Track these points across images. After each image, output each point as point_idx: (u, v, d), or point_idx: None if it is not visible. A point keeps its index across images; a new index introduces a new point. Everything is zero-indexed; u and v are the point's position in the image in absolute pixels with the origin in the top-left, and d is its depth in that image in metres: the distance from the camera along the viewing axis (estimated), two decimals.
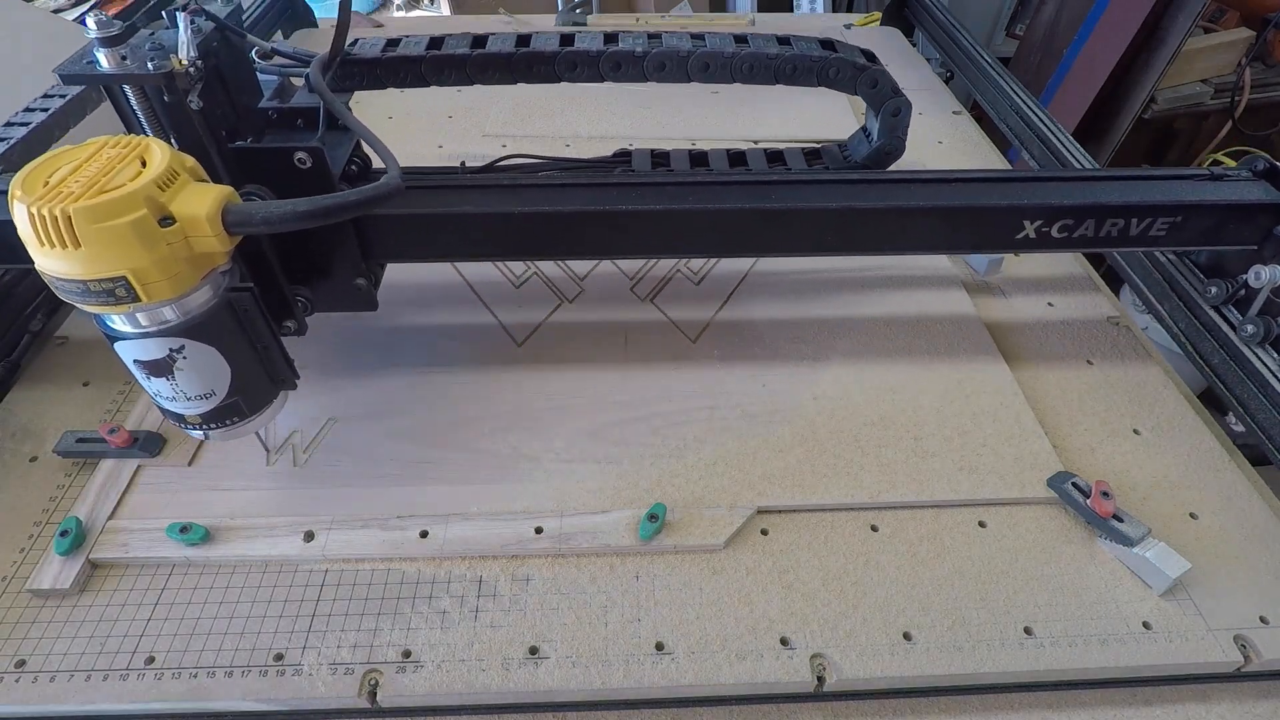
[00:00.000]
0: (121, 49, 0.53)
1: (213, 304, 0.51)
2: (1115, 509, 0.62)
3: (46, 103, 0.93)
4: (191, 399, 0.54)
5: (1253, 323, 0.72)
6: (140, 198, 0.44)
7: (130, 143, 0.48)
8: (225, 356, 0.53)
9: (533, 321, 0.82)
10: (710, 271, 0.90)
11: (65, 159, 0.47)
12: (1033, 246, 0.72)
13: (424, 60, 0.70)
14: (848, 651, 0.55)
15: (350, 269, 0.67)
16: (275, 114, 0.62)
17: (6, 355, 0.75)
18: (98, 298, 0.46)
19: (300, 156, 0.59)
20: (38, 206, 0.43)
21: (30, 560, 0.60)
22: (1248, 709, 0.56)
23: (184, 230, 0.47)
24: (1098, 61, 1.86)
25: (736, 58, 0.71)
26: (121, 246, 0.44)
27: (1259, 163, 0.75)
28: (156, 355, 0.51)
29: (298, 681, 0.53)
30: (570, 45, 0.70)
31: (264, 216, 0.48)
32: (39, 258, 0.45)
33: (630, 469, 0.67)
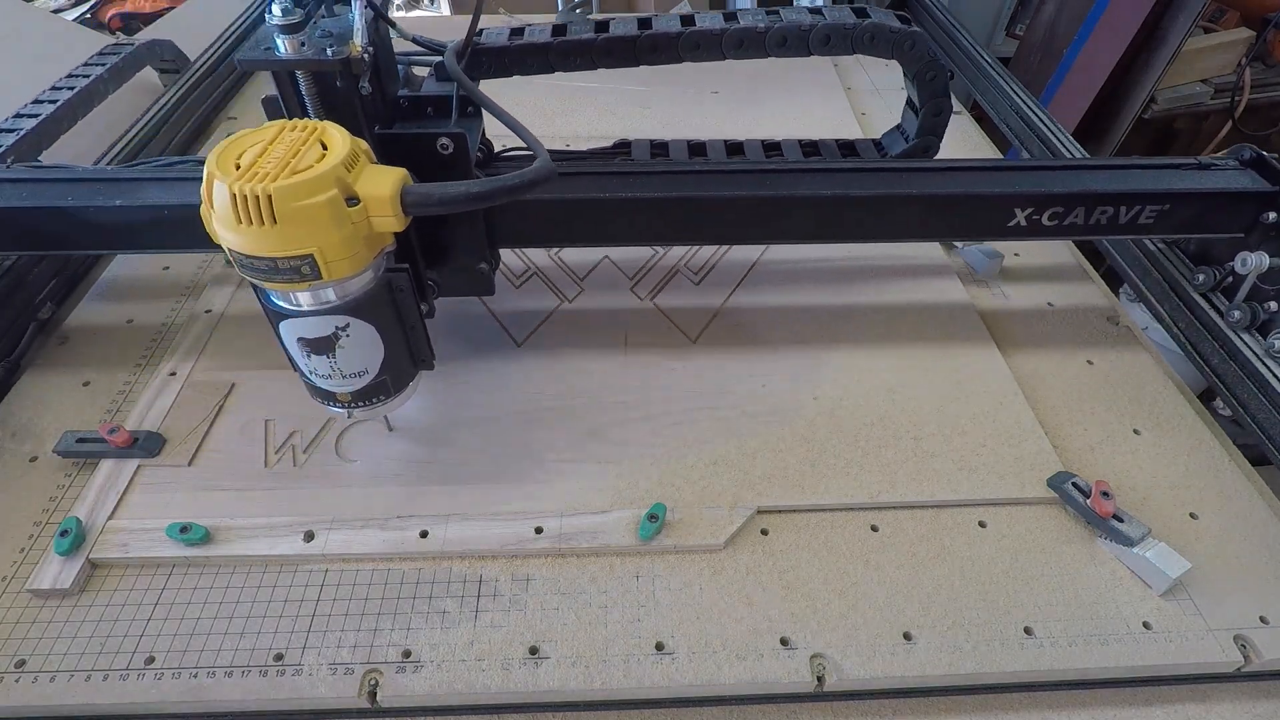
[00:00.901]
0: (300, 36, 0.54)
1: (373, 284, 0.54)
2: (1115, 509, 0.62)
3: (54, 95, 0.94)
4: (347, 376, 0.57)
5: (1239, 309, 0.74)
6: (331, 178, 0.47)
7: (309, 126, 0.50)
8: (381, 335, 0.56)
9: (533, 320, 0.82)
10: (710, 271, 0.90)
11: (248, 141, 0.49)
12: (1024, 234, 0.73)
13: (551, 47, 0.71)
14: (848, 651, 0.55)
15: (476, 254, 0.69)
16: (406, 102, 0.64)
17: (7, 355, 0.75)
18: (284, 275, 0.48)
19: (444, 142, 0.61)
20: (239, 185, 0.45)
21: (30, 560, 0.60)
22: (1248, 709, 0.56)
23: (367, 210, 0.49)
24: (1098, 61, 1.86)
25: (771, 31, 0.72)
26: (314, 225, 0.47)
27: (1246, 152, 0.76)
28: (323, 332, 0.53)
29: (298, 681, 0.53)
30: (692, 25, 0.72)
31: (440, 197, 0.50)
32: (232, 235, 0.46)
33: (630, 469, 0.67)
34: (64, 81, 0.97)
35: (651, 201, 0.70)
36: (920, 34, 0.73)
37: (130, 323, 0.82)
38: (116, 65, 1.03)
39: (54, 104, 0.91)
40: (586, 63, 0.73)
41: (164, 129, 1.04)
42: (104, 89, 1.00)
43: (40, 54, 1.20)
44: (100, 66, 1.01)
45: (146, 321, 0.82)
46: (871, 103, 1.27)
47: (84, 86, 0.96)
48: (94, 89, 0.98)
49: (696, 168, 0.74)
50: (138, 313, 0.83)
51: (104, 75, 1.00)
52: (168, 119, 1.06)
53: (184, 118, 1.10)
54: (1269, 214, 0.72)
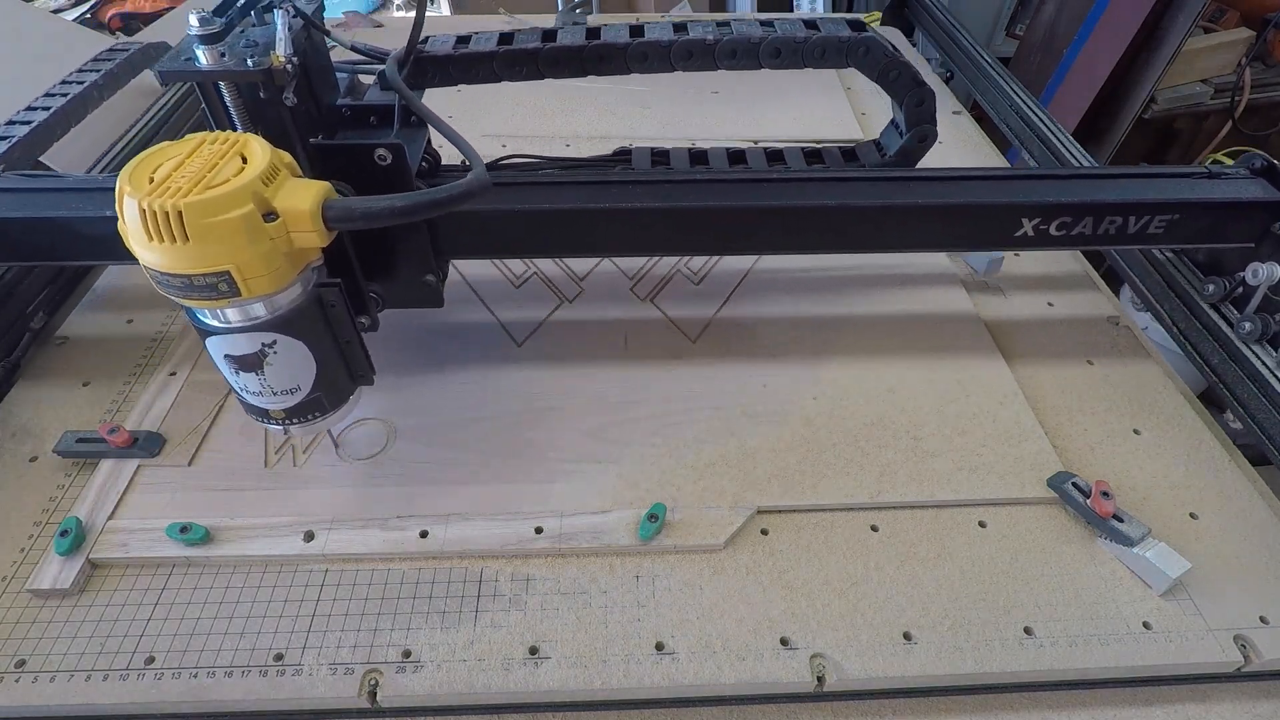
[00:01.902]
0: (220, 46, 0.53)
1: (302, 299, 0.52)
2: (1115, 509, 0.62)
3: (48, 101, 0.93)
4: (278, 394, 0.55)
5: (1250, 320, 0.73)
6: (247, 193, 0.45)
7: (229, 139, 0.49)
8: (312, 351, 0.54)
9: (533, 321, 0.82)
10: (710, 271, 0.90)
11: (166, 154, 0.47)
12: (1031, 244, 0.72)
13: (496, 56, 0.70)
14: (848, 651, 0.55)
15: (421, 265, 0.67)
16: (349, 111, 0.63)
17: (6, 355, 0.75)
18: (200, 292, 0.47)
19: (381, 153, 0.59)
20: (148, 201, 0.43)
21: (30, 560, 0.60)
22: (1248, 709, 0.56)
23: (286, 225, 0.47)
24: (1098, 61, 1.86)
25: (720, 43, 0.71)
26: (228, 241, 0.45)
27: (1257, 160, 0.75)
28: (248, 350, 0.52)
29: (298, 681, 0.53)
30: (641, 36, 0.71)
31: (363, 211, 0.49)
32: (144, 253, 0.45)
33: (630, 469, 0.67)
34: (58, 88, 0.96)
35: (652, 212, 0.68)
36: (873, 39, 0.72)
37: (130, 323, 0.82)
38: (111, 71, 1.02)
39: (47, 111, 0.90)
40: (532, 72, 0.72)
41: (162, 131, 1.04)
42: (99, 95, 0.99)
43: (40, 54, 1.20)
44: (95, 72, 1.00)
45: (146, 321, 0.82)
46: (872, 103, 1.27)
47: (77, 93, 0.95)
48: (88, 95, 0.96)
49: (699, 176, 0.73)
50: (138, 313, 0.83)
51: (99, 81, 0.99)
52: (166, 121, 1.06)
53: (181, 120, 1.10)
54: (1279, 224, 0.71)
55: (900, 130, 0.81)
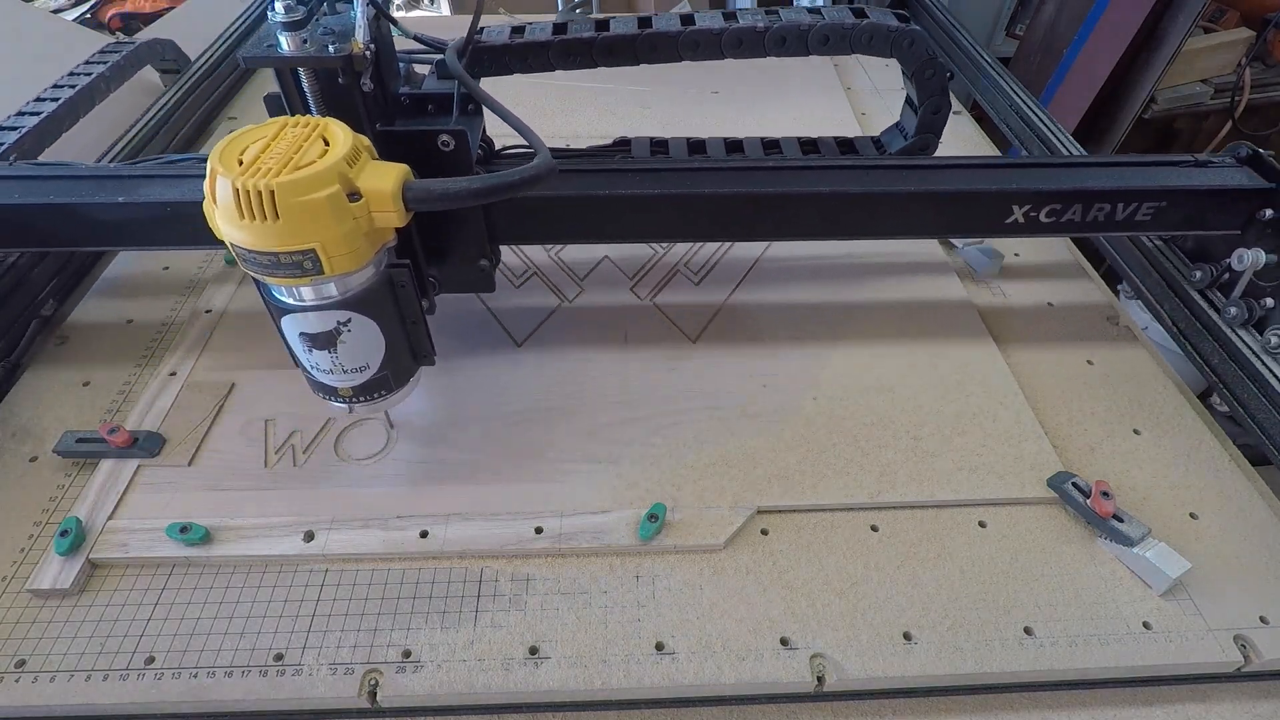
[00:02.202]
0: (302, 33, 0.54)
1: (375, 279, 0.54)
2: (1115, 509, 0.62)
3: (56, 93, 0.94)
4: (349, 371, 0.57)
5: (1236, 305, 0.74)
6: (334, 173, 0.47)
7: (310, 122, 0.50)
8: (382, 330, 0.56)
9: (533, 321, 0.82)
10: (710, 271, 0.90)
11: (251, 137, 0.49)
12: (1022, 231, 0.73)
13: (552, 45, 0.71)
14: (848, 651, 0.55)
15: (476, 250, 0.69)
16: (407, 99, 0.64)
17: (7, 355, 0.75)
18: (286, 270, 0.48)
19: (444, 139, 0.61)
20: (242, 181, 0.45)
21: (30, 560, 0.60)
22: (1248, 709, 0.56)
23: (369, 205, 0.49)
24: (1098, 61, 1.86)
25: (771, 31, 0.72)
26: (316, 220, 0.47)
27: (1242, 149, 0.76)
28: (324, 328, 0.54)
29: (298, 681, 0.53)
30: (691, 24, 0.72)
31: (442, 193, 0.50)
32: (235, 231, 0.47)
33: (630, 469, 0.67)
34: (66, 80, 0.97)
35: (652, 198, 0.70)
36: (919, 32, 0.73)
37: (130, 322, 0.82)
38: (118, 63, 1.03)
39: (56, 102, 0.92)
40: (586, 61, 0.73)
41: (165, 128, 1.04)
42: (105, 87, 1.01)
43: (40, 54, 1.20)
44: (102, 65, 1.02)
45: (146, 321, 0.82)
46: (871, 103, 1.27)
47: (85, 84, 0.96)
48: (95, 86, 0.98)
49: (697, 164, 0.75)
50: (138, 312, 0.83)
51: (105, 73, 1.00)
52: (168, 118, 1.06)
53: (184, 117, 1.10)
54: (1265, 211, 0.72)
55: (905, 134, 0.82)
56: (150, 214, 0.67)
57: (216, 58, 1.22)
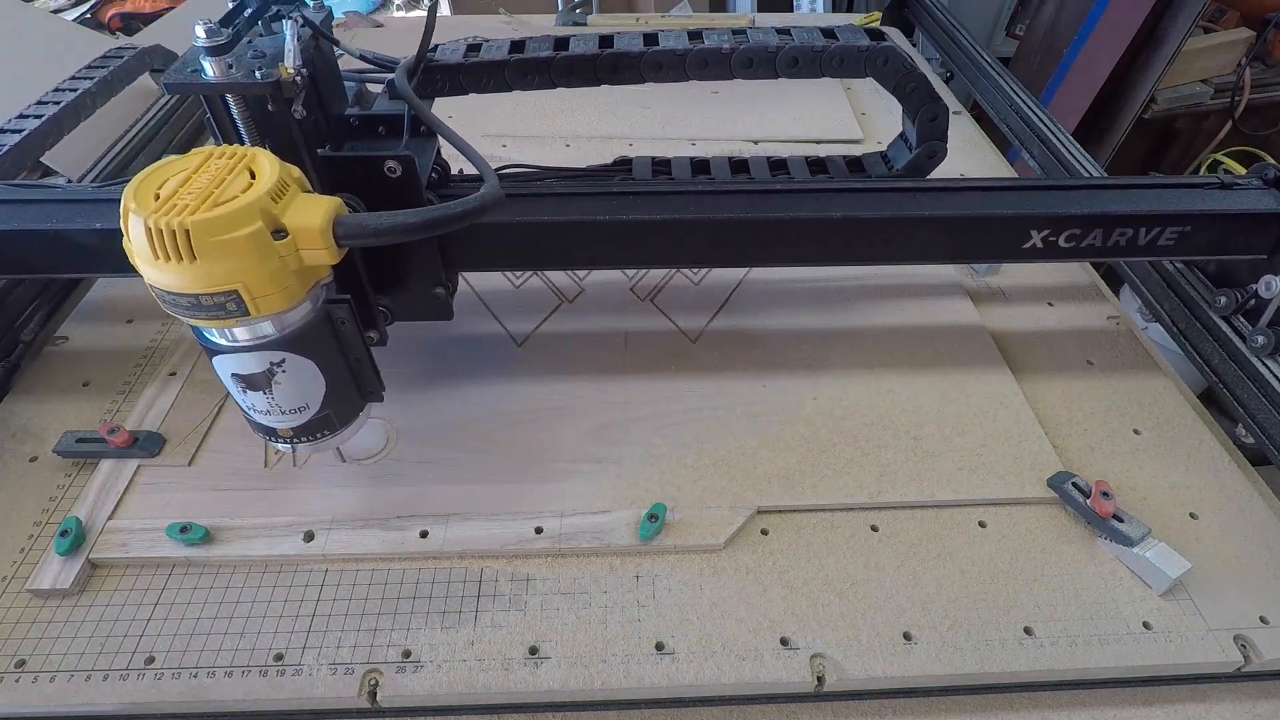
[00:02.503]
0: (228, 58, 0.52)
1: (311, 317, 0.51)
2: (1115, 509, 0.62)
3: (40, 109, 0.92)
4: (286, 412, 0.54)
5: (1263, 333, 0.71)
6: (256, 210, 0.44)
7: (237, 153, 0.48)
8: (321, 369, 0.53)
9: (533, 323, 0.82)
10: (710, 273, 0.90)
11: (172, 169, 0.46)
12: (1040, 256, 0.71)
13: (508, 65, 0.69)
14: (848, 651, 0.55)
15: (431, 279, 0.66)
16: (357, 121, 0.61)
17: (6, 356, 0.75)
18: (208, 311, 0.46)
19: (391, 165, 0.58)
20: (154, 220, 0.42)
21: (30, 560, 0.60)
22: (1248, 709, 0.56)
23: (296, 243, 0.46)
24: (1098, 61, 1.86)
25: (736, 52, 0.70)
26: (237, 260, 0.44)
27: (1269, 170, 0.73)
28: (256, 369, 0.51)
29: (298, 681, 0.53)
30: (655, 45, 0.69)
31: (375, 228, 0.48)
32: (150, 271, 0.44)
33: (630, 469, 0.67)
34: (50, 95, 0.95)
35: (622, 225, 0.67)
36: (891, 49, 0.71)
37: (130, 323, 0.82)
38: (106, 78, 1.01)
39: (39, 119, 0.89)
40: (545, 81, 0.71)
41: (159, 134, 1.04)
42: (92, 102, 0.98)
43: (40, 54, 1.20)
44: (89, 80, 0.99)
45: (147, 321, 0.82)
46: (872, 103, 1.27)
47: (70, 100, 0.94)
48: (82, 102, 0.95)
49: (698, 188, 0.72)
50: (138, 312, 0.83)
51: (92, 89, 0.98)
52: (163, 124, 1.06)
53: (179, 123, 1.10)
54: None
55: (910, 145, 0.80)
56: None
57: None
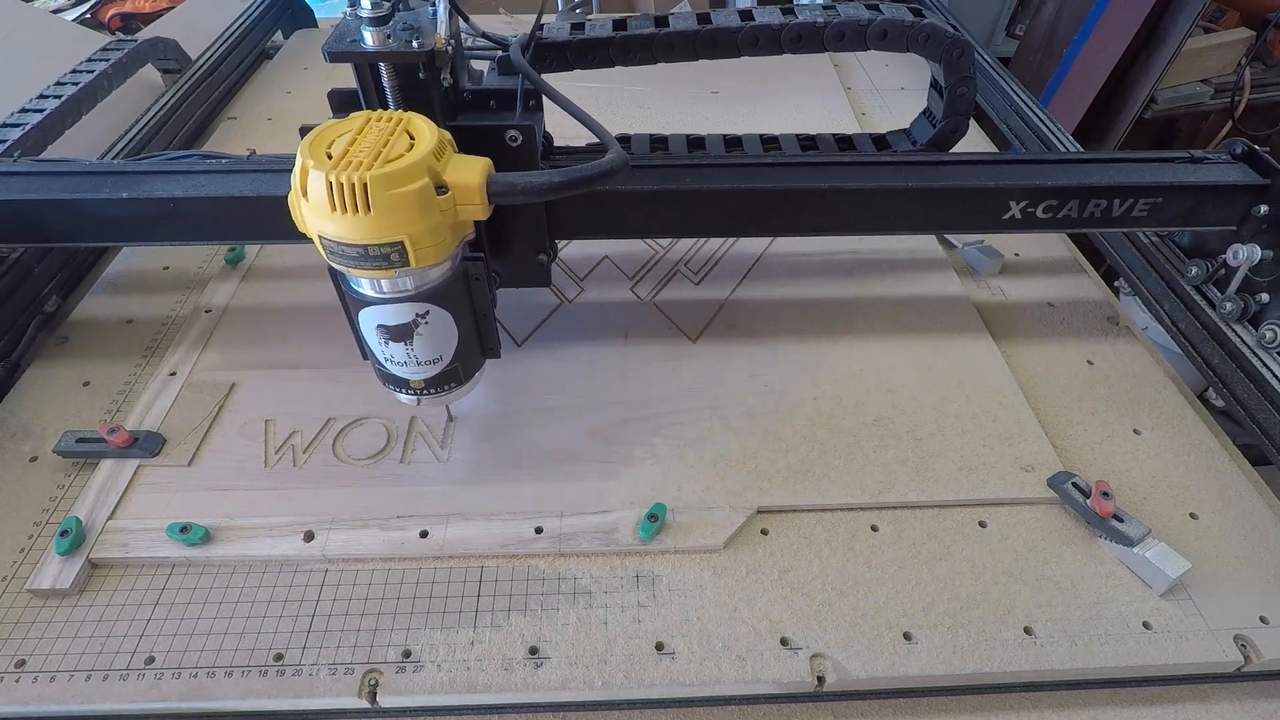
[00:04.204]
0: (385, 28, 0.55)
1: (451, 272, 0.55)
2: (1115, 509, 0.62)
3: (59, 90, 0.94)
4: (422, 364, 0.57)
5: (1231, 300, 0.75)
6: (424, 167, 0.48)
7: (394, 117, 0.51)
8: (457, 323, 0.57)
9: (533, 320, 0.82)
10: (710, 271, 0.90)
11: (336, 131, 0.49)
12: (1019, 227, 0.74)
13: (613, 42, 0.72)
14: (848, 651, 0.55)
15: (536, 245, 0.70)
16: (469, 95, 0.64)
17: (7, 355, 0.75)
18: (374, 261, 0.49)
19: (512, 134, 0.62)
20: (335, 174, 0.45)
21: (30, 560, 0.60)
22: (1248, 709, 0.56)
23: (455, 199, 0.50)
24: (1098, 61, 1.86)
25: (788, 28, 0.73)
26: (405, 213, 0.47)
27: (1238, 146, 0.77)
28: (403, 320, 0.54)
29: (298, 681, 0.53)
30: (751, 20, 0.73)
31: (524, 186, 0.51)
32: (325, 223, 0.47)
33: (630, 469, 0.67)
34: (68, 77, 0.97)
35: (708, 194, 0.71)
36: (933, 25, 0.74)
37: (130, 322, 0.82)
38: (120, 60, 1.03)
39: (59, 99, 0.92)
40: (646, 57, 0.74)
41: (165, 127, 1.04)
42: (108, 84, 1.01)
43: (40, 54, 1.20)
44: (104, 62, 1.02)
45: (147, 321, 0.82)
46: (871, 102, 1.27)
47: (88, 82, 0.96)
48: (98, 84, 0.98)
49: (695, 161, 0.75)
50: (138, 312, 0.83)
51: (108, 70, 1.00)
52: (169, 117, 1.06)
53: (185, 116, 1.10)
54: (1260, 207, 0.73)
55: (933, 121, 0.83)
56: (155, 210, 0.68)
57: (217, 58, 1.22)
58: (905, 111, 1.24)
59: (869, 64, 1.39)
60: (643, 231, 0.76)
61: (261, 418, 0.71)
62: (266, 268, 0.89)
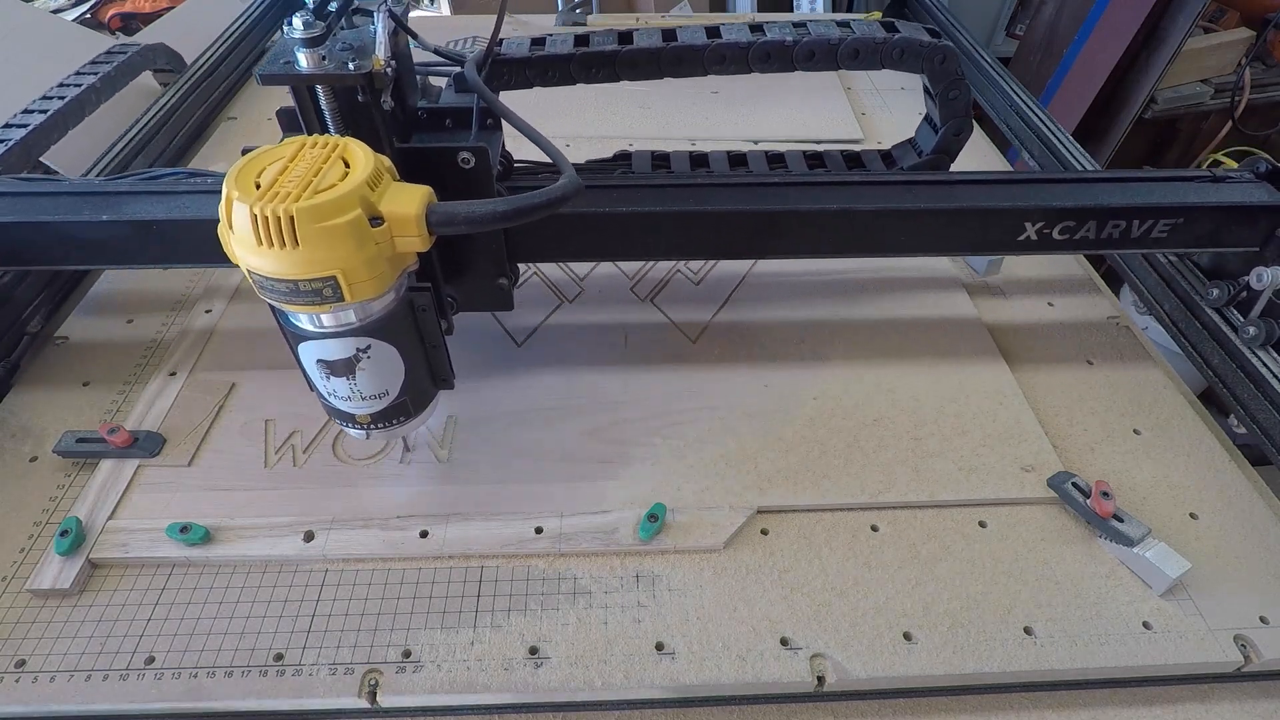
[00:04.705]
0: (321, 49, 0.53)
1: (395, 304, 0.52)
2: (1115, 509, 0.62)
3: (45, 104, 0.92)
4: (367, 399, 0.55)
5: (1254, 325, 0.72)
6: (356, 197, 0.45)
7: (329, 143, 0.49)
8: (402, 356, 0.55)
9: (532, 322, 0.82)
10: (710, 272, 0.90)
11: (268, 159, 0.47)
12: (1034, 248, 0.72)
13: (573, 59, 0.70)
14: (848, 651, 0.55)
15: (495, 269, 0.68)
16: (424, 114, 0.62)
17: (6, 355, 0.75)
18: (306, 297, 0.47)
19: (465, 156, 0.59)
20: (259, 207, 0.43)
21: (30, 560, 0.60)
22: (1248, 709, 0.56)
23: (391, 230, 0.47)
24: (1098, 61, 1.86)
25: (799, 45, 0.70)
26: (337, 246, 0.45)
27: (1261, 165, 0.74)
28: (343, 355, 0.52)
29: (298, 681, 0.53)
30: (718, 37, 0.70)
31: (467, 216, 0.48)
32: (252, 258, 0.45)
33: (630, 469, 0.67)
34: (55, 90, 0.96)
35: (677, 215, 0.69)
36: (950, 48, 0.72)
37: (130, 322, 0.82)
38: (109, 74, 1.01)
39: (44, 114, 0.90)
40: (609, 75, 0.72)
41: (162, 131, 1.04)
42: (95, 98, 0.99)
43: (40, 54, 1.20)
44: (92, 75, 1.00)
45: (147, 321, 0.82)
46: (871, 102, 1.27)
47: (74, 96, 0.94)
48: (85, 98, 0.96)
49: (713, 180, 0.73)
50: (138, 312, 0.83)
51: (95, 85, 0.98)
52: (165, 121, 1.06)
53: (182, 119, 1.10)
54: None
55: (919, 152, 0.81)
56: (134, 232, 0.65)
57: (214, 60, 1.22)
58: (905, 111, 1.25)
59: None
60: (613, 255, 0.73)
61: (261, 418, 0.71)
62: None
